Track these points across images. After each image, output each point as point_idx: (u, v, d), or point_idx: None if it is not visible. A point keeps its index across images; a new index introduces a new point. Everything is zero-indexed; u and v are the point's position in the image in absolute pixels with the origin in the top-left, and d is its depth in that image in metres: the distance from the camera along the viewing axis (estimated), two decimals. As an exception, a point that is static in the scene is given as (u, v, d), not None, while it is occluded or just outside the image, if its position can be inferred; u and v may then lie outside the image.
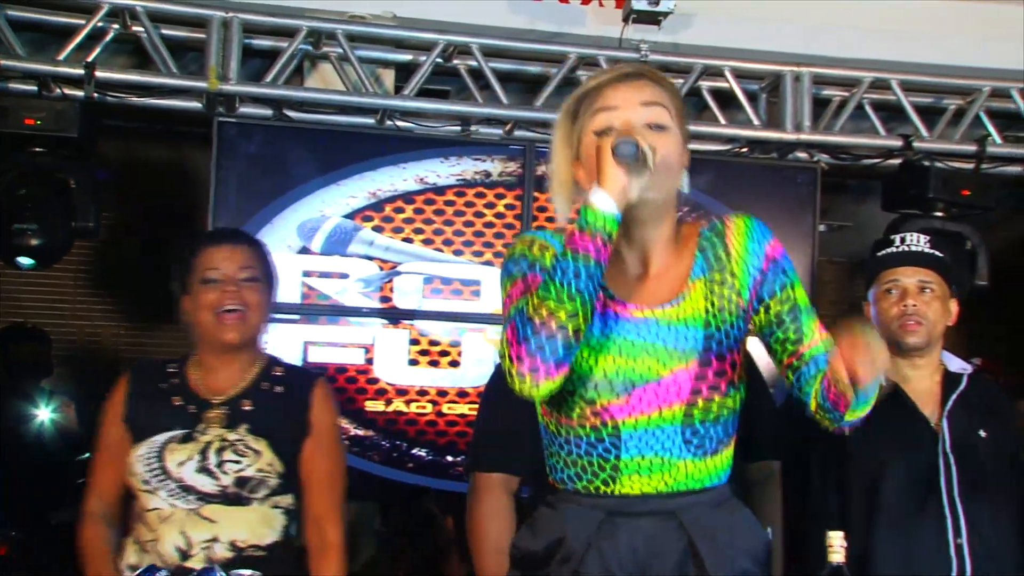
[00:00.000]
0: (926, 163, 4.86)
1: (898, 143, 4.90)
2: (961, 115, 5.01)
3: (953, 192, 4.85)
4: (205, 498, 2.42)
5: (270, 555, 2.44)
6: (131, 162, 5.49)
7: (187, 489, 2.42)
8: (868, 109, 4.98)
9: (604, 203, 1.70)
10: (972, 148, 4.95)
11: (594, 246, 1.69)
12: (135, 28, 4.43)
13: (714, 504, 1.86)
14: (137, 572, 2.31)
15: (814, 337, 1.83)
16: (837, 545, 2.03)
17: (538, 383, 1.70)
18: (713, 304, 1.86)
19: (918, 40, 5.02)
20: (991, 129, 5.00)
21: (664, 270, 1.89)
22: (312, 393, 2.57)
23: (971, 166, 4.98)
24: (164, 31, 4.45)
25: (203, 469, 2.43)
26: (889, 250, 2.85)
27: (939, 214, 4.87)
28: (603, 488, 1.85)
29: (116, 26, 4.42)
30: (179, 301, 2.57)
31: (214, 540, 2.41)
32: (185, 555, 2.39)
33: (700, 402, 1.82)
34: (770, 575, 1.87)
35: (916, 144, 4.88)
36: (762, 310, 1.86)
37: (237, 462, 2.45)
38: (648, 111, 1.82)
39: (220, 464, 2.44)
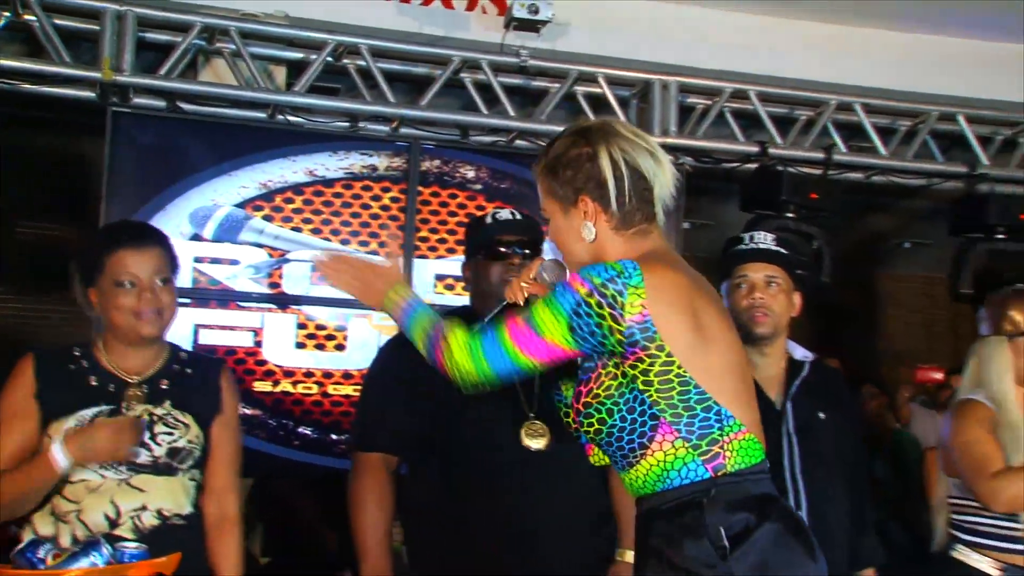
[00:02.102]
0: (779, 168, 4.99)
1: (755, 149, 5.03)
2: (811, 125, 5.16)
3: (803, 195, 4.98)
4: (136, 468, 2.39)
5: (188, 524, 2.45)
6: (24, 150, 5.28)
7: (119, 460, 2.38)
8: (729, 117, 5.10)
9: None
10: (820, 155, 5.11)
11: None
12: (27, 17, 4.26)
13: (653, 513, 1.89)
14: (18, 547, 2.26)
15: None
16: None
17: None
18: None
19: (775, 56, 5.16)
20: (837, 139, 5.17)
21: None
22: (222, 376, 2.61)
23: (819, 172, 5.14)
24: (57, 21, 4.29)
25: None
26: (739, 247, 2.91)
27: (790, 215, 4.99)
28: None
29: (7, 14, 4.25)
30: (80, 290, 2.50)
31: (143, 508, 2.39)
32: (114, 523, 2.36)
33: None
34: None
35: (771, 150, 5.02)
36: None
37: (170, 433, 2.44)
38: None
39: (153, 436, 2.42)
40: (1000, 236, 5.23)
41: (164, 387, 2.49)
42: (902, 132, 5.29)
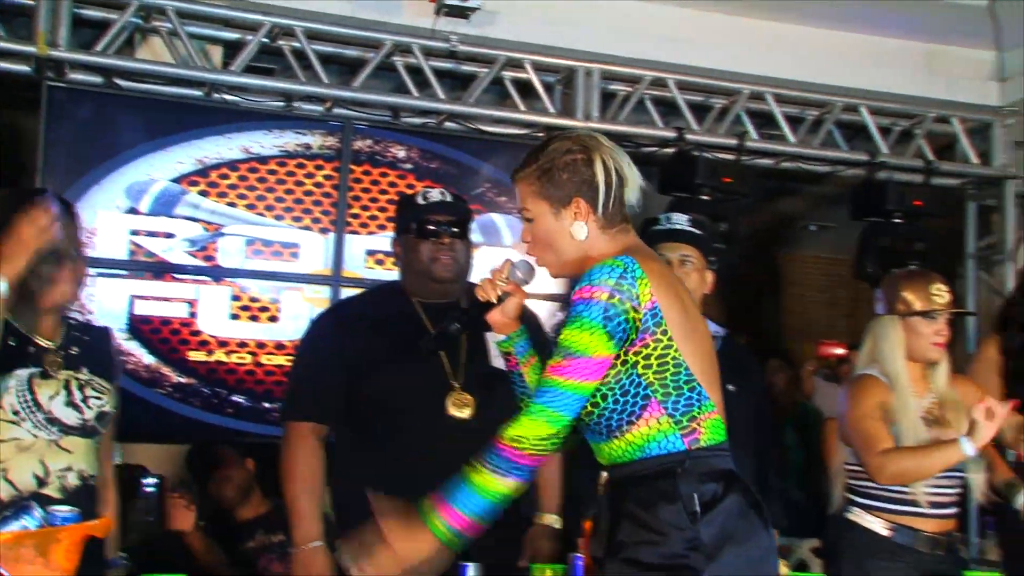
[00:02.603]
0: (695, 153, 5.05)
1: (672, 134, 5.08)
2: (725, 113, 5.24)
3: (717, 179, 5.04)
4: (67, 430, 2.39)
5: (95, 484, 2.47)
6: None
7: (53, 421, 2.37)
8: (648, 104, 5.14)
9: None
10: (734, 142, 5.18)
11: None
12: (-39, -10, 4.13)
13: (629, 479, 1.94)
14: None
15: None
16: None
17: None
18: None
19: (693, 47, 5.20)
20: (749, 126, 5.25)
21: None
22: (112, 342, 2.64)
23: (732, 157, 5.21)
24: (-8, -5, 4.17)
25: (70, 403, 2.40)
26: (656, 228, 2.96)
27: (705, 198, 5.04)
28: None
29: (-59, -13, 4.11)
30: None
31: (68, 469, 2.38)
32: (42, 482, 2.34)
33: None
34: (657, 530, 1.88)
35: (688, 136, 5.08)
36: None
37: (99, 398, 2.45)
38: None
39: (85, 399, 2.42)
40: (897, 220, 5.36)
41: (75, 353, 2.47)
42: (809, 121, 5.39)
